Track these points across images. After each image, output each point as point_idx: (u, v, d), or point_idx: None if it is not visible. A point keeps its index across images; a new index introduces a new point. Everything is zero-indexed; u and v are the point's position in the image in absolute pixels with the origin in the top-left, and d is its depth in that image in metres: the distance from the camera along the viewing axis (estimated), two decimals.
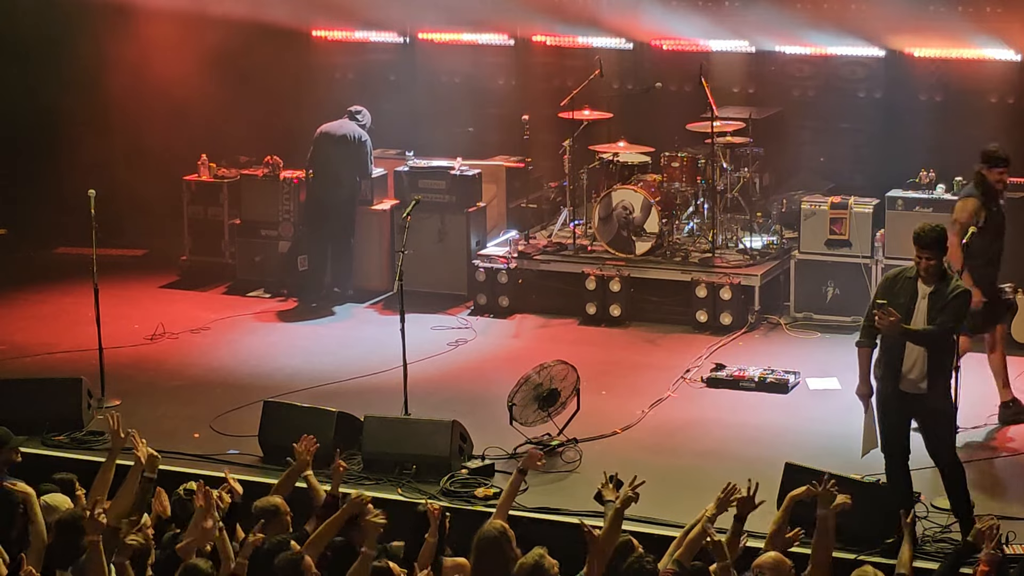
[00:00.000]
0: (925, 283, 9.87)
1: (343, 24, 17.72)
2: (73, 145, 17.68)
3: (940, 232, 9.85)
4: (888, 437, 10.01)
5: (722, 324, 14.44)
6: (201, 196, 16.71)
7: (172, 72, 16.97)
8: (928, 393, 9.85)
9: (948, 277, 9.91)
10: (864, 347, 10.12)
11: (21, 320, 15.22)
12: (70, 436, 12.03)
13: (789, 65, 16.42)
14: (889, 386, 9.94)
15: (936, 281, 9.84)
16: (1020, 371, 12.97)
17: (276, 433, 11.69)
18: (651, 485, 10.89)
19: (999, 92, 15.47)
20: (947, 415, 10.03)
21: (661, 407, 12.63)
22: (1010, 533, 9.83)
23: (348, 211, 15.55)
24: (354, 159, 15.40)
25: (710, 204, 15.11)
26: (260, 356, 14.10)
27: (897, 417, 9.97)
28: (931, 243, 9.80)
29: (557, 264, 15.23)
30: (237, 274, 16.39)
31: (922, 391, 9.84)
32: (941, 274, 9.87)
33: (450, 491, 10.90)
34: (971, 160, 14.62)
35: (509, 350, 14.18)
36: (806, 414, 12.39)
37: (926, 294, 9.84)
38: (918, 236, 9.86)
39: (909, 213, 14.21)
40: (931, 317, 9.78)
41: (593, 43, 16.74)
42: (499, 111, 17.21)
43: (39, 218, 17.65)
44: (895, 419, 9.97)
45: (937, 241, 9.81)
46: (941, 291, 9.81)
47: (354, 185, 15.56)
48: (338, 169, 15.41)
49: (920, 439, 10.05)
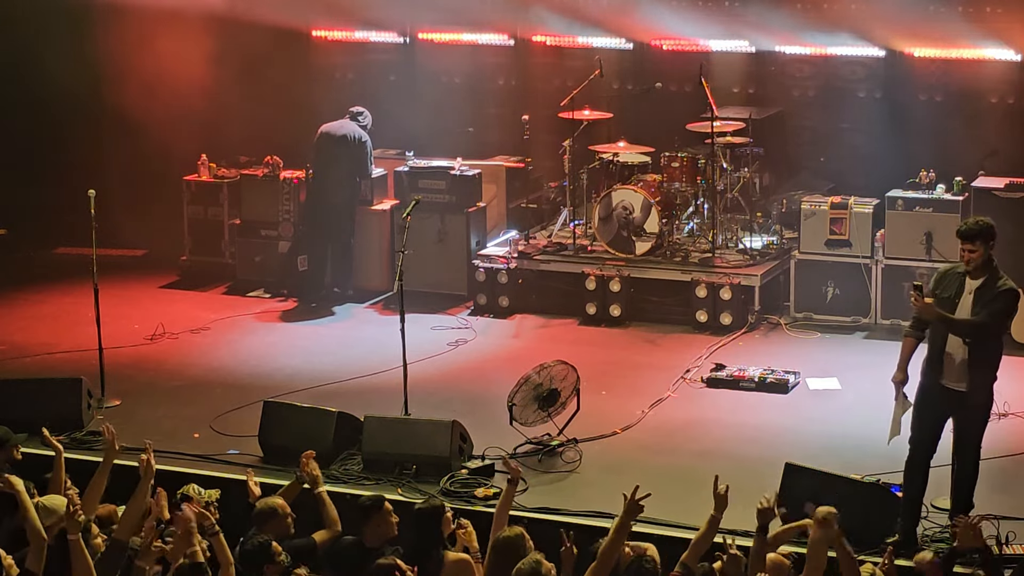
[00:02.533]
0: (972, 277, 9.82)
1: (343, 24, 17.72)
2: (73, 145, 17.69)
3: (983, 225, 9.81)
4: (918, 430, 9.96)
5: (722, 324, 14.44)
6: (201, 196, 16.71)
7: (172, 72, 16.97)
8: (968, 391, 9.80)
9: (997, 273, 9.85)
10: (910, 337, 10.07)
11: (21, 320, 15.23)
12: (70, 436, 12.02)
13: (789, 65, 16.42)
14: (931, 379, 9.89)
15: (984, 275, 9.80)
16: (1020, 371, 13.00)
17: (276, 433, 11.71)
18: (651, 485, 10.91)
19: (999, 92, 15.47)
20: (983, 413, 9.94)
21: (661, 407, 12.63)
22: (1010, 533, 9.84)
23: (348, 211, 15.55)
24: (354, 159, 15.40)
25: (710, 204, 15.11)
26: (260, 356, 14.10)
27: (932, 412, 9.90)
28: (974, 235, 9.76)
29: (557, 264, 15.23)
30: (237, 274, 16.39)
31: (962, 388, 9.80)
32: (989, 268, 9.82)
33: (450, 491, 10.90)
34: (971, 160, 14.70)
35: (509, 350, 14.18)
36: (806, 414, 12.39)
37: (973, 288, 9.79)
38: (960, 230, 9.84)
39: (909, 213, 14.23)
40: (975, 311, 9.74)
41: (593, 43, 16.74)
42: (499, 111, 17.21)
43: (39, 218, 17.65)
44: (930, 414, 9.91)
45: (980, 233, 9.76)
46: (988, 286, 9.77)
47: (354, 185, 15.56)
48: (338, 169, 15.41)
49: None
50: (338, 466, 11.35)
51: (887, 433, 10.13)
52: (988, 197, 13.87)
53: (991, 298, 9.76)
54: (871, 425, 10.95)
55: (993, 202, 13.79)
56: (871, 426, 10.97)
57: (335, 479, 11.16)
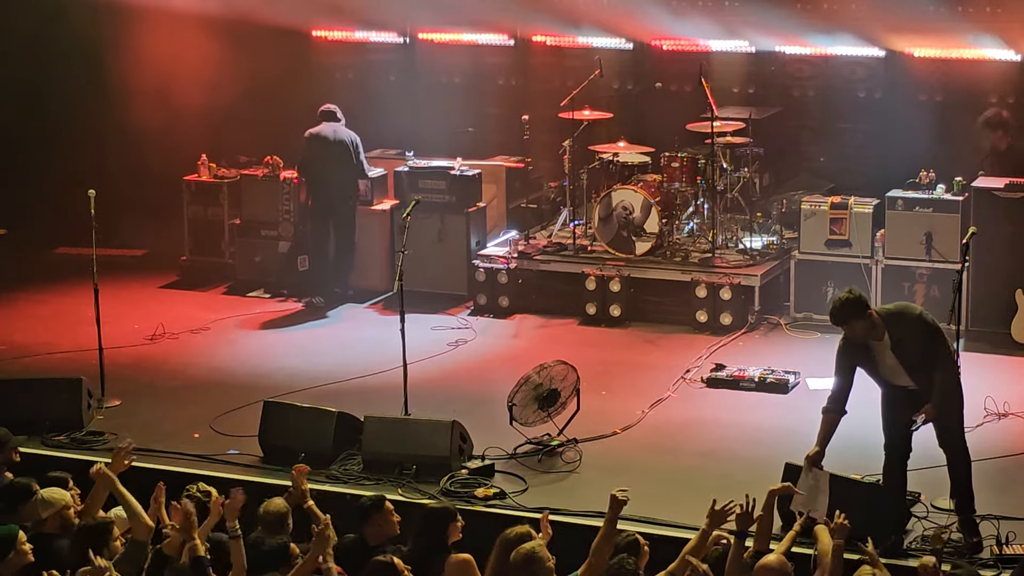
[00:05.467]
0: (874, 339, 9.79)
1: (343, 24, 17.72)
2: (73, 145, 17.69)
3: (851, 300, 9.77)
4: (891, 433, 9.98)
5: (722, 324, 14.44)
6: (201, 196, 16.70)
7: (172, 72, 16.97)
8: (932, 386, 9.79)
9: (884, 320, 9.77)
10: (830, 413, 9.96)
11: (21, 320, 15.22)
12: (70, 436, 12.03)
13: (789, 65, 16.42)
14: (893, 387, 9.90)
15: (882, 331, 9.75)
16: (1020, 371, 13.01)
17: (276, 433, 11.70)
18: (651, 485, 10.96)
19: (999, 92, 15.46)
20: (955, 398, 9.93)
21: (661, 407, 12.63)
22: (1010, 533, 9.85)
23: (351, 212, 15.55)
24: (355, 161, 15.38)
25: (710, 204, 15.11)
26: (260, 356, 14.10)
27: (902, 414, 9.89)
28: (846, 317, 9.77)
29: (557, 264, 15.23)
30: (237, 274, 16.38)
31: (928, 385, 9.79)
32: (876, 324, 9.76)
33: (450, 491, 10.90)
34: (971, 160, 14.69)
35: (509, 350, 14.18)
36: (806, 414, 12.31)
37: (887, 349, 9.75)
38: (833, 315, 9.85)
39: (909, 213, 14.22)
40: (909, 366, 9.74)
41: (593, 43, 16.73)
42: (499, 111, 17.21)
43: (39, 218, 17.65)
44: (899, 417, 9.90)
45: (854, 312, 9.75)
46: (901, 338, 9.71)
47: (355, 185, 15.56)
48: (343, 172, 15.38)
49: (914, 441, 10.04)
50: (338, 466, 11.35)
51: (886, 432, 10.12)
52: (988, 197, 13.86)
53: (919, 348, 9.71)
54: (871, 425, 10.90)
55: (993, 202, 13.79)
56: (871, 426, 10.92)
57: (335, 479, 11.16)
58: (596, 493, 10.80)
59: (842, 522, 8.64)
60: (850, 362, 9.90)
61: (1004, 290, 13.56)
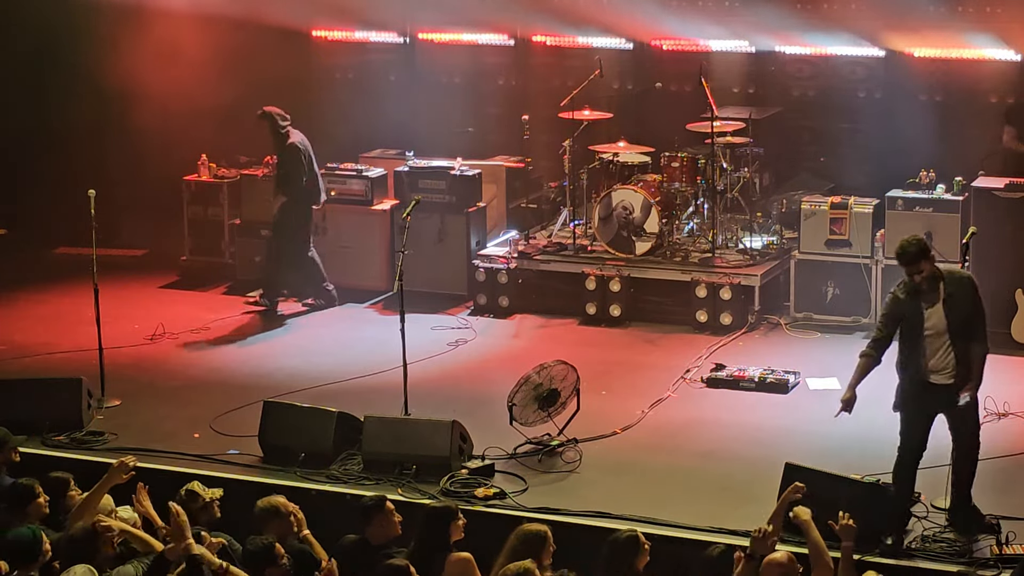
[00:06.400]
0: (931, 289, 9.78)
1: (343, 24, 17.72)
2: (73, 145, 17.69)
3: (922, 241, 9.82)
4: (908, 430, 9.93)
5: (722, 324, 14.44)
6: (201, 196, 16.70)
7: (172, 73, 16.96)
8: (957, 382, 9.78)
9: (940, 272, 9.84)
10: (868, 357, 10.01)
11: (21, 320, 15.22)
12: (70, 436, 12.02)
13: (789, 65, 16.42)
14: (914, 378, 9.86)
15: (936, 283, 9.77)
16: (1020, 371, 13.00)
17: (276, 433, 11.70)
18: (651, 485, 10.96)
19: (999, 92, 15.47)
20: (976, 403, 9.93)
21: (661, 407, 12.63)
22: (1010, 533, 9.84)
23: (281, 211, 15.34)
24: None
25: (710, 204, 15.11)
26: (260, 356, 14.10)
27: (921, 411, 9.87)
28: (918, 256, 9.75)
29: (557, 264, 15.23)
30: (237, 274, 16.38)
31: (951, 381, 9.78)
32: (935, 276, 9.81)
33: (450, 491, 10.90)
34: (971, 160, 14.70)
35: (509, 350, 14.17)
36: (806, 414, 12.38)
37: (940, 300, 9.76)
38: (900, 254, 9.81)
39: (909, 213, 14.21)
40: (952, 318, 9.73)
41: (593, 43, 16.74)
42: (499, 111, 17.21)
43: (39, 218, 17.65)
44: (918, 413, 9.88)
45: (921, 252, 9.75)
46: (955, 289, 9.75)
47: None
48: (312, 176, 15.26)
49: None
50: (338, 466, 11.34)
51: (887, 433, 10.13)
52: (988, 197, 13.86)
53: (968, 308, 9.74)
54: (871, 425, 10.95)
55: (993, 202, 13.79)
56: (871, 426, 10.97)
57: (335, 479, 11.17)
58: (596, 493, 10.83)
59: (847, 523, 8.64)
60: (899, 311, 9.86)
61: (1004, 290, 13.55)
